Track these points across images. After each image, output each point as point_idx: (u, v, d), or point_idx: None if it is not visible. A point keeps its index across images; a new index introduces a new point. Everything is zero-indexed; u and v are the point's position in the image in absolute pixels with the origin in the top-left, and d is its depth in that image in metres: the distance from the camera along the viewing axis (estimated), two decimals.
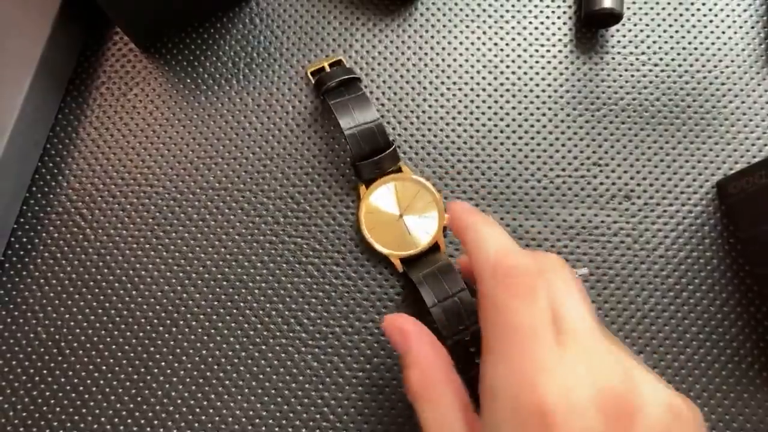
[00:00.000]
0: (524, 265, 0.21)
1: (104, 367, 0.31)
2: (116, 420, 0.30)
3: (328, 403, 0.30)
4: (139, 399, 0.30)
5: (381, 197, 0.32)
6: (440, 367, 0.24)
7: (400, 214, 0.32)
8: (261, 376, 0.30)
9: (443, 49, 0.36)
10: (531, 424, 0.18)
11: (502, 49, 0.36)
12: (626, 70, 0.35)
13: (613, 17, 0.34)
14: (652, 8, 0.36)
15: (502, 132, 0.34)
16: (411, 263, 0.31)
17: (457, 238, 0.25)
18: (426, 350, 0.24)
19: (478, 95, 0.35)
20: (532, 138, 0.34)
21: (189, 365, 0.31)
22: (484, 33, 0.36)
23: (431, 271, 0.29)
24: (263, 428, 0.30)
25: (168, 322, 0.31)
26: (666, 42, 0.36)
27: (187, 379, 0.31)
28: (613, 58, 0.35)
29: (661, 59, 0.35)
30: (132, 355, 0.31)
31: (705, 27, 0.36)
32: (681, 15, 0.36)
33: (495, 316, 0.21)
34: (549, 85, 0.35)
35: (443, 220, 0.32)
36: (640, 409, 0.19)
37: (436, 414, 0.23)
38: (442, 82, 0.35)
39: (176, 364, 0.31)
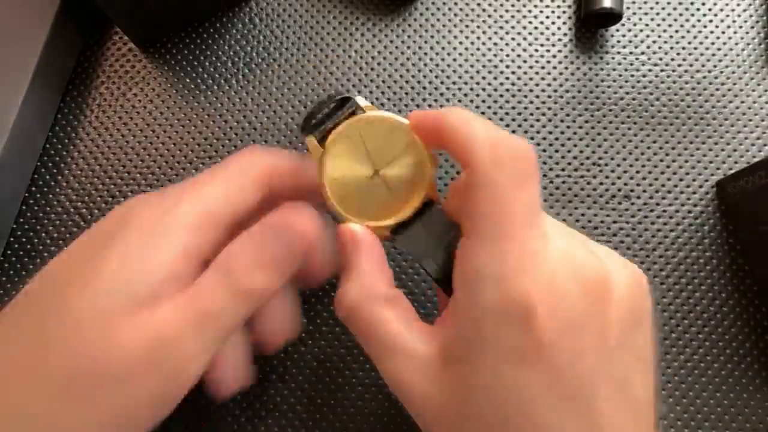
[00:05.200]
0: (525, 145, 0.20)
1: None
2: None
3: (328, 402, 0.30)
4: None
5: (343, 154, 0.24)
6: (383, 288, 0.22)
7: (375, 170, 0.24)
8: (260, 376, 0.30)
9: (443, 48, 0.36)
10: (515, 309, 0.18)
11: (501, 49, 0.36)
12: (626, 70, 0.35)
13: (613, 17, 0.34)
14: (651, 8, 0.36)
15: None
16: (404, 231, 0.24)
17: (429, 134, 0.22)
18: (370, 266, 0.22)
19: (477, 95, 0.35)
20: (532, 138, 0.34)
21: None
22: (484, 33, 0.36)
23: (432, 238, 0.24)
24: (262, 428, 0.30)
25: None
26: (666, 42, 0.36)
27: None
28: (613, 58, 0.35)
29: (660, 59, 0.35)
30: None
31: (705, 27, 0.36)
32: (681, 15, 0.36)
33: (491, 204, 0.19)
34: (548, 85, 0.35)
35: (431, 163, 0.24)
36: (612, 283, 0.20)
37: (380, 334, 0.21)
38: (442, 82, 0.35)
39: None
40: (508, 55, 0.35)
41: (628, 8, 0.36)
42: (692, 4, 0.36)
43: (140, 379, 0.19)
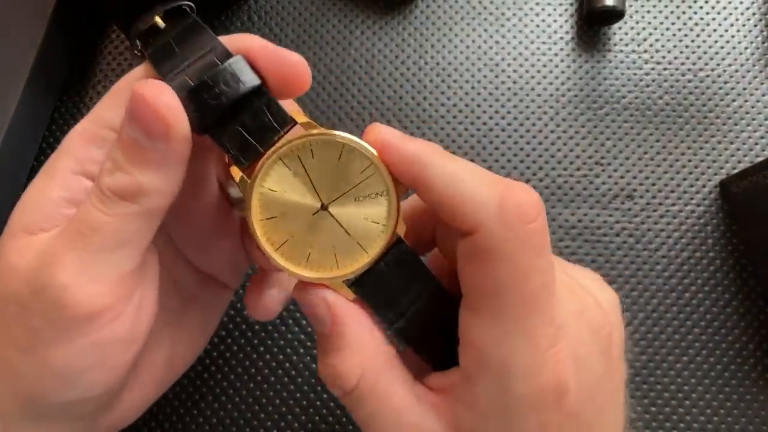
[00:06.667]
0: (534, 199, 0.17)
1: None
2: None
3: (327, 405, 0.30)
4: None
5: (279, 184, 0.18)
6: (383, 353, 0.19)
7: (322, 203, 0.19)
8: (259, 378, 0.30)
9: (443, 47, 0.35)
10: (548, 394, 0.17)
11: (503, 47, 0.35)
12: (628, 68, 0.35)
13: (615, 15, 0.34)
14: (654, 6, 0.36)
15: (503, 131, 0.34)
16: (365, 280, 0.19)
17: (401, 178, 0.18)
18: (363, 332, 0.19)
19: (479, 93, 0.34)
20: (534, 137, 0.34)
21: None
22: (485, 30, 0.36)
23: (402, 287, 0.19)
24: (261, 430, 0.30)
25: None
26: (669, 40, 0.35)
27: (185, 381, 0.30)
28: (615, 56, 0.35)
29: (663, 57, 0.35)
30: None
31: (708, 25, 0.35)
32: (684, 13, 0.36)
33: (507, 280, 0.17)
34: (550, 83, 0.35)
35: (396, 192, 0.19)
36: (615, 331, 0.19)
37: (388, 411, 0.18)
38: (443, 81, 0.35)
39: None
40: (509, 54, 0.35)
41: (630, 6, 0.36)
42: (695, 1, 0.36)
43: (31, 304, 0.18)
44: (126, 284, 0.19)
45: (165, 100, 0.17)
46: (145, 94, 0.17)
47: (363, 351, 0.19)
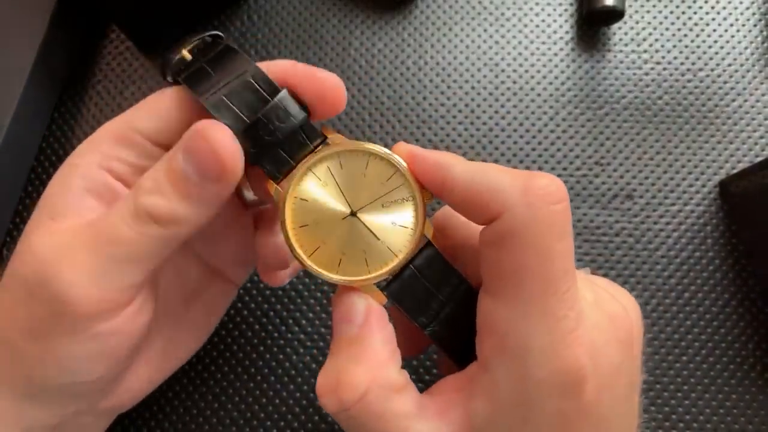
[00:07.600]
0: (558, 183, 0.18)
1: None
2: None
3: None
4: None
5: (311, 194, 0.20)
6: (393, 378, 0.19)
7: (351, 210, 0.20)
8: (259, 378, 0.30)
9: (443, 47, 0.35)
10: (567, 379, 0.17)
11: (503, 47, 0.35)
12: (628, 68, 0.35)
13: (615, 15, 0.34)
14: (654, 6, 0.36)
15: (503, 131, 0.34)
16: (394, 282, 0.20)
17: (427, 183, 0.19)
18: (384, 350, 0.19)
19: (479, 94, 0.34)
20: (534, 137, 0.34)
21: (186, 366, 0.30)
22: (485, 31, 0.36)
23: (431, 289, 0.20)
24: (261, 430, 0.30)
25: None
26: (668, 40, 0.35)
27: (184, 380, 0.30)
28: (615, 56, 0.35)
29: (663, 57, 0.35)
30: None
31: (707, 25, 0.35)
32: (683, 13, 0.36)
33: (531, 264, 0.17)
34: (550, 83, 0.35)
35: (423, 198, 0.20)
36: (634, 327, 0.20)
37: (395, 424, 0.18)
38: (443, 81, 0.35)
39: None
40: (509, 53, 0.35)
41: (630, 6, 0.36)
42: (695, 1, 0.36)
43: (35, 291, 0.18)
44: (128, 293, 0.19)
45: (227, 145, 0.18)
46: (209, 134, 0.18)
47: (377, 368, 0.18)
